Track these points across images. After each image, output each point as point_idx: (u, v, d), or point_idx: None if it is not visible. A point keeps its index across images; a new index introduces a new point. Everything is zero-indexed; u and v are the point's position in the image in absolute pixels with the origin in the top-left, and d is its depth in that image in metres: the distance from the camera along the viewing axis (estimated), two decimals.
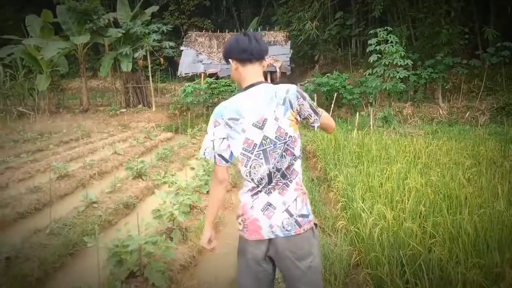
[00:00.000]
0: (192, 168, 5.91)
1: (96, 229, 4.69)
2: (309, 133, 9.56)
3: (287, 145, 1.90)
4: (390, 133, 9.96)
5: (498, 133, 8.78)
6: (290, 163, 1.92)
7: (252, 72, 1.97)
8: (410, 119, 13.49)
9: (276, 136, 1.88)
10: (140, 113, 15.06)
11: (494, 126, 10.01)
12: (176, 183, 4.90)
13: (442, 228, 3.30)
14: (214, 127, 1.91)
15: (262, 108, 1.89)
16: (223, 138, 1.90)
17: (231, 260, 4.20)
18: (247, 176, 1.90)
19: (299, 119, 1.98)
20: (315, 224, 2.01)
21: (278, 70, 14.46)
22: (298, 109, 1.94)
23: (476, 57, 14.43)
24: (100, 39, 15.09)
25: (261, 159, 1.88)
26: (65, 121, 14.68)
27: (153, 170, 7.50)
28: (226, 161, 1.92)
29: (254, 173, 1.88)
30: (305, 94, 2.00)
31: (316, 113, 2.02)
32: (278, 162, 1.89)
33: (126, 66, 14.31)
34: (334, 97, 9.73)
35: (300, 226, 1.90)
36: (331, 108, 9.98)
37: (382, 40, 9.56)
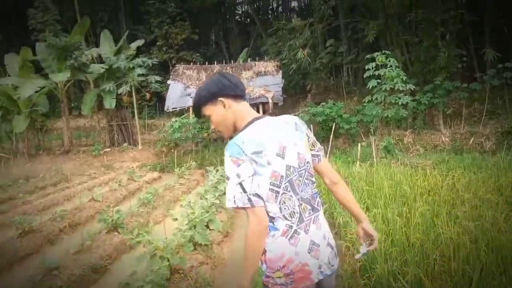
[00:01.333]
0: (175, 219, 4.99)
1: None
2: None
3: (307, 171, 1.80)
4: (395, 165, 9.13)
5: None
6: (312, 191, 1.81)
7: (248, 107, 1.86)
8: (412, 147, 12.70)
9: (298, 163, 1.76)
10: (125, 152, 14.14)
11: (509, 152, 9.24)
12: (152, 243, 3.94)
13: None
14: (238, 166, 1.65)
15: (280, 136, 1.76)
16: (252, 175, 1.65)
17: None
18: (279, 213, 1.70)
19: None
20: None
21: (270, 100, 13.74)
22: (307, 134, 1.88)
23: (474, 80, 13.90)
24: (82, 75, 14.36)
25: (289, 191, 1.72)
26: (45, 164, 13.69)
27: (133, 220, 6.52)
28: (263, 200, 1.66)
29: (285, 208, 1.71)
30: None
31: (318, 143, 1.95)
32: (302, 191, 1.76)
33: (109, 103, 13.51)
34: (333, 127, 8.96)
35: (337, 257, 1.84)
36: (330, 138, 9.16)
37: (381, 65, 8.90)
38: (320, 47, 18.42)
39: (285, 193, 1.70)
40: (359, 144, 8.55)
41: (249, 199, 1.62)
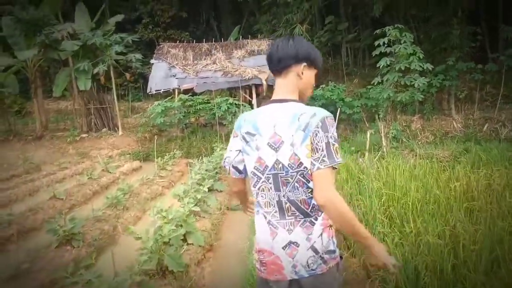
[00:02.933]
0: (139, 238, 3.75)
1: None
2: None
3: (301, 175, 1.63)
4: (409, 156, 7.95)
5: None
6: (307, 196, 1.64)
7: (278, 85, 1.77)
8: (420, 134, 11.51)
9: (289, 163, 1.63)
10: (103, 138, 12.78)
11: None
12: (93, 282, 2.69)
13: None
14: (233, 137, 1.81)
15: (281, 128, 1.65)
16: (239, 151, 1.78)
17: None
18: (256, 197, 1.76)
19: None
20: (341, 257, 1.71)
21: (264, 82, 12.42)
22: (314, 138, 1.60)
23: (485, 61, 12.69)
24: (54, 53, 12.84)
25: (271, 183, 1.67)
26: (14, 151, 12.32)
27: (94, 228, 5.26)
28: (240, 172, 1.82)
29: (262, 196, 1.71)
30: (330, 128, 1.60)
31: (328, 154, 1.57)
32: (290, 192, 1.65)
33: (84, 84, 12.07)
34: (338, 112, 7.71)
35: (326, 263, 1.65)
36: None
37: (393, 40, 7.61)
38: (318, 24, 16.99)
39: (265, 183, 1.68)
40: (368, 132, 7.31)
41: (230, 168, 1.81)
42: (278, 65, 1.71)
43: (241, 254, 4.69)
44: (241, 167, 1.79)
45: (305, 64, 1.71)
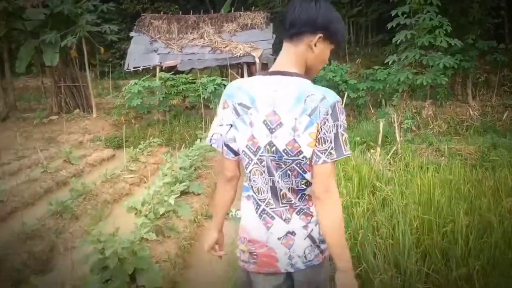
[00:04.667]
0: None
1: None
2: None
3: (297, 165, 1.40)
4: (427, 153, 6.65)
5: None
6: (297, 186, 1.44)
7: (284, 53, 1.45)
8: (432, 123, 10.20)
9: (284, 149, 1.39)
10: (75, 120, 11.31)
11: None
12: None
13: None
14: (223, 109, 1.48)
15: (282, 108, 1.37)
16: (230, 126, 1.46)
17: None
18: (248, 180, 1.52)
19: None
20: None
21: (257, 60, 10.94)
22: (320, 125, 1.35)
23: (503, 40, 11.33)
24: (19, 23, 11.27)
25: (264, 166, 1.44)
26: None
27: (23, 251, 3.92)
28: (235, 153, 1.50)
29: (254, 181, 1.48)
30: (340, 116, 1.36)
31: (336, 147, 1.35)
32: (280, 178, 1.43)
33: (51, 59, 10.53)
34: (344, 97, 6.37)
35: (323, 253, 1.51)
36: None
37: (414, 10, 6.19)
38: None
39: (258, 165, 1.45)
40: (381, 121, 5.98)
41: (222, 146, 1.50)
42: (290, 29, 1.41)
43: None
44: (235, 147, 1.48)
45: (321, 35, 1.38)
